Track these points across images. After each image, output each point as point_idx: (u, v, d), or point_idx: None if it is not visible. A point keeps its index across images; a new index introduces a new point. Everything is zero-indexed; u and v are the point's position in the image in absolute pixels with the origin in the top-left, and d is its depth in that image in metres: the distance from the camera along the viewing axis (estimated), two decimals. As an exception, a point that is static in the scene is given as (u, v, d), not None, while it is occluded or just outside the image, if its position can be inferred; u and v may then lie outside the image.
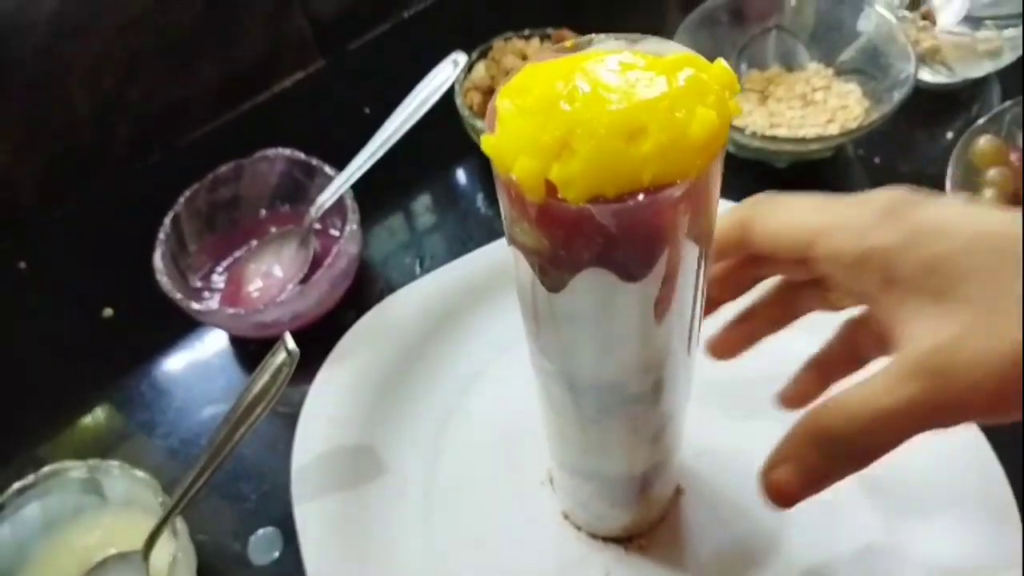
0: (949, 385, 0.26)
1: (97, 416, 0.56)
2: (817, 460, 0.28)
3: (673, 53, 0.23)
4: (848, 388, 0.28)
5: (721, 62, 0.23)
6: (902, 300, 0.27)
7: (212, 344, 0.58)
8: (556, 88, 0.22)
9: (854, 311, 0.35)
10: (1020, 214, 0.27)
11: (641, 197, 0.21)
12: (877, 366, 0.28)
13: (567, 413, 0.35)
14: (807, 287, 0.34)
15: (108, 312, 0.59)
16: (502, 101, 0.22)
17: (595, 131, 0.21)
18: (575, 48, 0.25)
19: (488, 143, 0.22)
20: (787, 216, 0.31)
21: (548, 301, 0.28)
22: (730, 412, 0.48)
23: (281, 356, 0.41)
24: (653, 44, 0.25)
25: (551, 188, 0.21)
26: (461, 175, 0.65)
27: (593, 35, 0.26)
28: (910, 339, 0.27)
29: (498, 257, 0.55)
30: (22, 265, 0.63)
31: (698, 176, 0.22)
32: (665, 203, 0.22)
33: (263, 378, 0.41)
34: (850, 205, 0.29)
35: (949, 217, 0.27)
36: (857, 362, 0.35)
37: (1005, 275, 0.25)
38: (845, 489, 0.44)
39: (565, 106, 0.21)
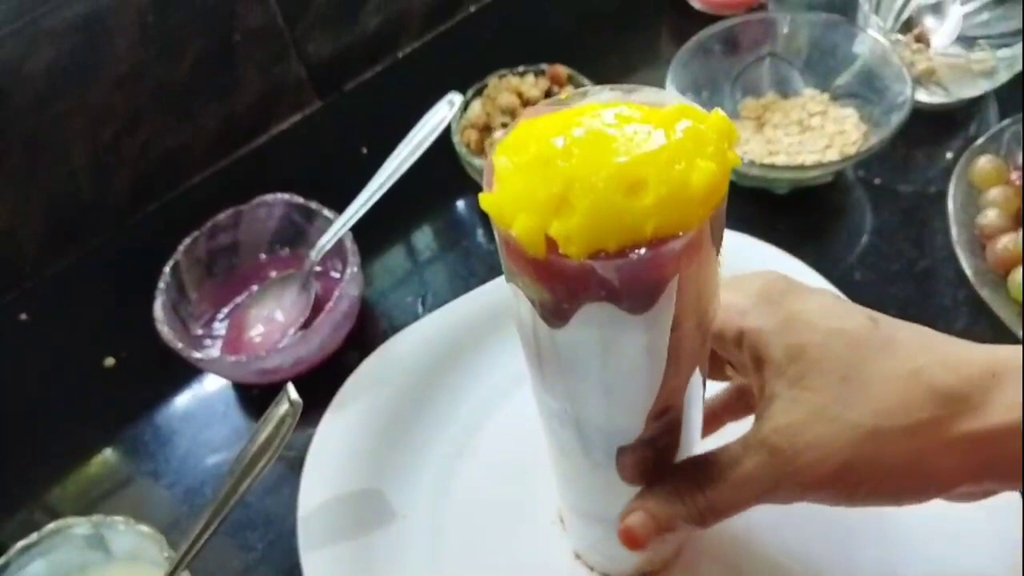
0: (787, 463, 0.28)
1: (101, 466, 0.55)
2: (664, 514, 0.31)
3: (670, 103, 0.23)
4: (706, 452, 0.31)
5: (719, 112, 0.23)
6: (767, 378, 0.30)
7: (215, 391, 0.57)
8: (553, 143, 0.21)
9: None
10: (878, 317, 0.30)
11: (643, 251, 0.21)
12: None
13: (575, 456, 0.34)
14: None
15: (110, 361, 0.59)
16: (499, 158, 0.22)
17: (594, 186, 0.20)
18: (570, 101, 0.25)
19: (487, 200, 0.22)
20: None
21: (551, 337, 0.27)
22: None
23: (284, 407, 0.41)
24: (649, 95, 0.24)
25: (551, 243, 0.21)
26: (460, 213, 0.65)
27: (588, 87, 0.25)
28: (765, 415, 0.30)
29: (500, 294, 0.55)
30: (23, 316, 0.63)
31: (700, 226, 0.21)
32: (668, 256, 0.21)
33: (266, 429, 0.41)
34: (735, 287, 0.32)
35: (815, 310, 0.30)
36: (746, 409, 0.39)
37: (854, 369, 0.28)
38: (861, 523, 0.44)
39: (562, 162, 0.21)
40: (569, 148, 0.21)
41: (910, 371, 0.28)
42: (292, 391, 0.41)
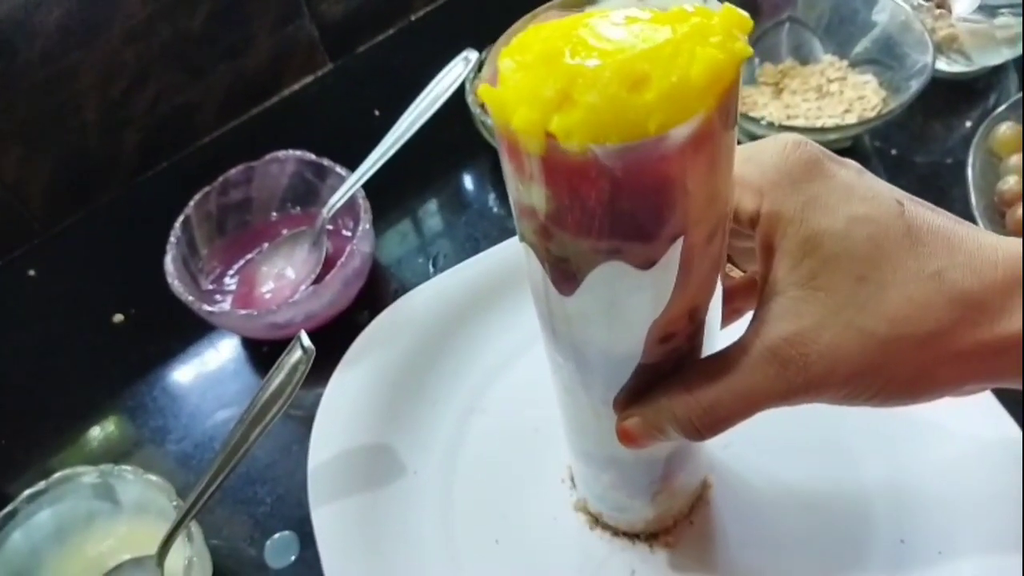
0: (799, 375, 0.27)
1: (109, 423, 0.55)
2: (665, 428, 0.30)
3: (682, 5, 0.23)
4: (706, 359, 0.29)
5: (728, 5, 0.22)
6: (777, 270, 0.28)
7: (224, 348, 0.57)
8: (557, 43, 0.21)
9: None
10: (905, 199, 0.28)
11: (647, 139, 0.21)
12: None
13: (580, 399, 0.34)
14: None
15: (118, 318, 0.59)
16: (503, 60, 0.22)
17: (596, 81, 0.20)
18: (581, 6, 0.24)
19: (487, 92, 0.22)
20: None
21: (561, 302, 0.28)
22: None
23: (297, 354, 0.40)
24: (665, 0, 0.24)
25: (553, 141, 0.21)
26: (473, 174, 0.64)
27: None
28: (773, 316, 0.28)
29: (512, 254, 0.54)
30: (31, 273, 0.63)
31: (707, 118, 0.21)
32: (672, 146, 0.21)
33: (279, 377, 0.41)
34: (751, 158, 0.29)
35: (838, 191, 0.27)
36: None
37: (872, 268, 0.26)
38: (879, 489, 0.44)
39: (566, 59, 0.21)
40: (574, 47, 0.21)
41: (931, 273, 0.26)
42: (305, 338, 0.40)
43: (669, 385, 0.29)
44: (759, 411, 0.28)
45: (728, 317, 0.34)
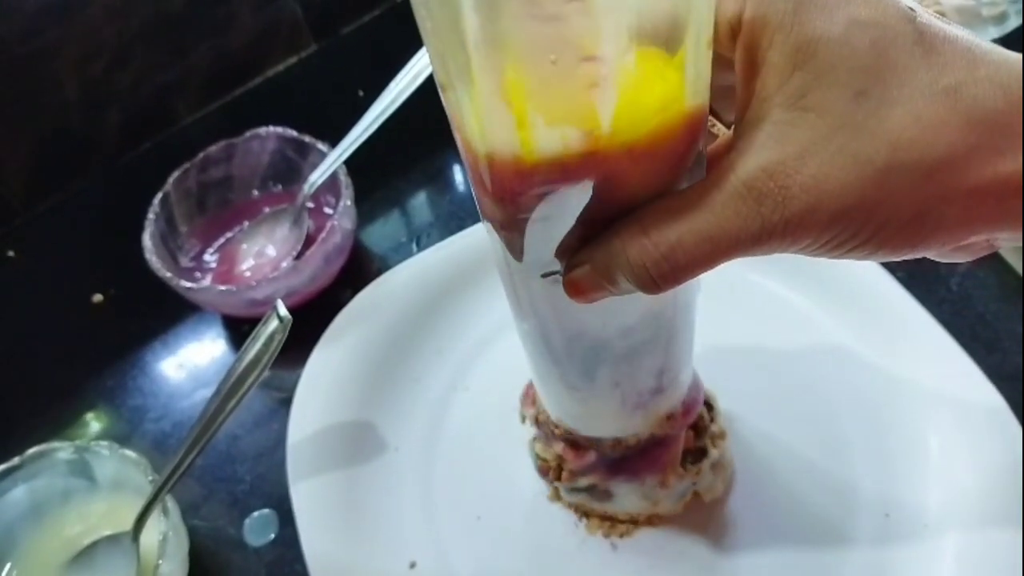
0: (775, 211, 0.22)
1: (88, 402, 0.54)
2: (616, 278, 0.26)
3: None
4: (670, 195, 0.25)
5: None
6: (761, 91, 0.23)
7: (204, 328, 0.56)
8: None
9: None
10: (918, 9, 0.23)
11: None
12: None
13: (551, 376, 0.34)
14: None
15: (98, 298, 0.58)
16: None
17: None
18: None
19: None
20: None
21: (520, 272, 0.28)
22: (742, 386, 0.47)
23: (273, 324, 0.40)
24: None
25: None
26: (458, 153, 0.63)
27: None
28: (752, 145, 0.23)
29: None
30: (11, 254, 0.62)
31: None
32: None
33: (255, 347, 0.40)
34: None
35: None
36: None
37: (875, 81, 0.22)
38: (864, 463, 0.44)
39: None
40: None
41: (946, 87, 0.21)
42: (282, 307, 0.39)
43: (623, 225, 0.25)
44: (726, 258, 0.24)
45: None
